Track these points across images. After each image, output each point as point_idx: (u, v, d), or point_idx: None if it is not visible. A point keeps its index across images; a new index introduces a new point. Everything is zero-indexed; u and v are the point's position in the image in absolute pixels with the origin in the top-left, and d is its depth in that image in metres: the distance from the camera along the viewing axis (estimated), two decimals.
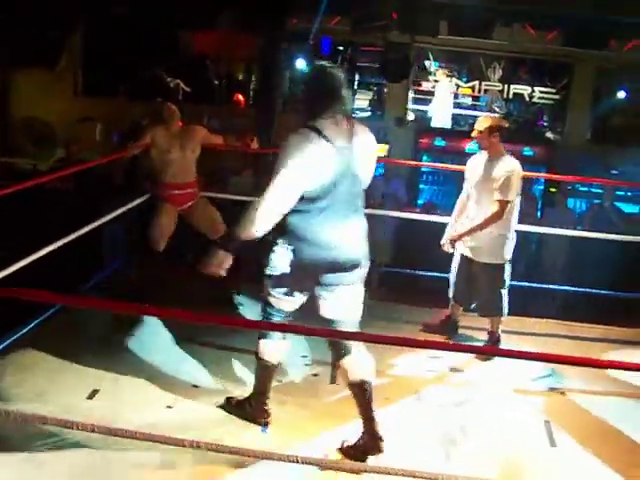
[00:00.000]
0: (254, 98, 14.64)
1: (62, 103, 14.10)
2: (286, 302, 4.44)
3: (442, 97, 14.56)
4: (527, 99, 15.01)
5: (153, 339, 5.80)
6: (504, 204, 5.91)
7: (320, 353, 5.69)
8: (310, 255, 4.25)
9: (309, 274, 4.32)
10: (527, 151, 13.42)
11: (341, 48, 15.84)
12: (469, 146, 12.35)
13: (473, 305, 6.40)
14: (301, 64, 14.16)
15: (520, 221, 6.18)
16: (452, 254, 6.34)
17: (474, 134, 6.15)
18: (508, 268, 6.18)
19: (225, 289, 6.59)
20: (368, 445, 4.39)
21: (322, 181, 4.12)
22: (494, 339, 6.21)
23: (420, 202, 13.26)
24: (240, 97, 14.49)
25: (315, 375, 5.49)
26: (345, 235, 4.25)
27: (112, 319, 5.98)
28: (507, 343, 6.11)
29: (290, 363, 5.53)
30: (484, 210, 6.02)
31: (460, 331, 6.53)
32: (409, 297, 7.37)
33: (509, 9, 12.29)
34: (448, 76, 14.90)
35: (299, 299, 4.46)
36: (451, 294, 6.44)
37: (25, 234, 6.76)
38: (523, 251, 10.87)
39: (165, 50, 13.59)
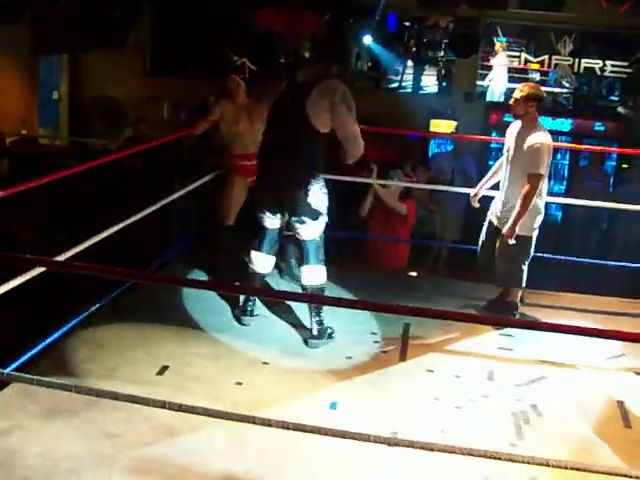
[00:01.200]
0: None
1: (130, 82, 14.27)
2: (267, 220, 5.64)
3: (498, 71, 14.30)
4: (598, 73, 14.70)
5: (224, 315, 5.83)
6: (537, 177, 5.88)
7: (389, 331, 5.69)
8: (259, 186, 5.73)
9: (265, 201, 5.62)
10: (598, 126, 13.17)
11: (407, 24, 15.73)
12: None
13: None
14: (367, 40, 14.09)
15: (592, 198, 6.06)
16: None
17: (511, 102, 6.10)
18: (533, 241, 6.12)
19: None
20: None
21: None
22: (511, 308, 6.17)
23: None
24: None
25: (384, 352, 5.45)
26: (274, 172, 5.44)
27: (183, 295, 6.04)
28: (580, 321, 5.98)
29: (359, 341, 5.53)
30: (514, 182, 6.00)
31: (524, 308, 6.42)
32: (475, 274, 7.28)
33: None
34: (504, 50, 14.62)
35: (275, 219, 5.65)
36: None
37: (99, 212, 6.85)
38: (595, 228, 10.74)
39: (231, 29, 13.61)
